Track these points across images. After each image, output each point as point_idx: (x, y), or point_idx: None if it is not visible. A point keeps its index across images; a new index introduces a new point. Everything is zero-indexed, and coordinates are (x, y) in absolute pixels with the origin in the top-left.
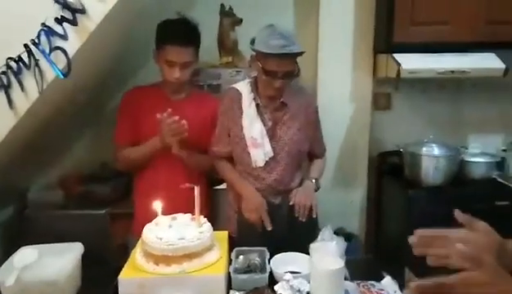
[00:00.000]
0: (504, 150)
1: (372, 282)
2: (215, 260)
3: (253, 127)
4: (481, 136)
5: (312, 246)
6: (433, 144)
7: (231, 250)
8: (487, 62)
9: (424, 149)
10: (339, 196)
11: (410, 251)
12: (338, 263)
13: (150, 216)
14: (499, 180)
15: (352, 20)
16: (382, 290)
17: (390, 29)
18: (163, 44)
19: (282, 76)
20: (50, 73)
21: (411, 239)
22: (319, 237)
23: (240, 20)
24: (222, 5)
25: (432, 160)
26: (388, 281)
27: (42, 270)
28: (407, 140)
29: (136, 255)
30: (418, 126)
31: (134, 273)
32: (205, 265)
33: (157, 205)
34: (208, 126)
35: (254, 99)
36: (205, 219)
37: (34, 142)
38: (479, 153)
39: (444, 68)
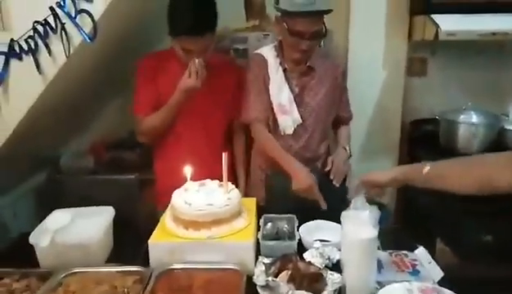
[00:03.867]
0: None
1: (405, 252)
2: (243, 227)
3: (280, 94)
4: None
5: (344, 214)
6: (471, 112)
7: (259, 217)
8: None
9: (462, 116)
10: (369, 165)
11: (441, 222)
12: (371, 232)
13: (174, 183)
14: None
15: None
16: (415, 260)
17: None
18: (176, 34)
19: (309, 37)
20: (77, 37)
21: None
22: (351, 205)
23: None
24: None
25: (470, 128)
26: (421, 251)
27: (75, 233)
28: (443, 108)
29: (166, 219)
30: (455, 93)
31: (164, 237)
32: (234, 230)
33: (187, 170)
34: (231, 93)
35: (281, 64)
36: (233, 185)
37: (64, 108)
38: None
39: (485, 29)
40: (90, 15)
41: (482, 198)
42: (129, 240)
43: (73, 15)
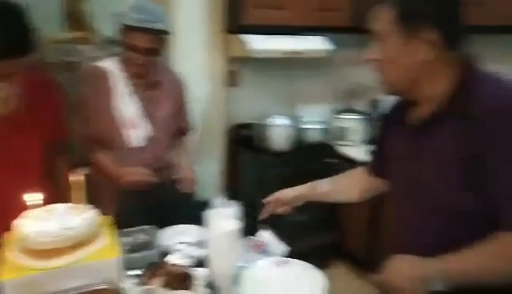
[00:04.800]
0: (329, 118)
1: (252, 236)
2: (105, 245)
3: (127, 107)
4: (312, 107)
5: (208, 213)
6: (277, 116)
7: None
8: (316, 44)
9: (271, 120)
10: (198, 168)
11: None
12: (235, 224)
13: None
14: (327, 142)
15: (202, 2)
16: (263, 241)
17: (239, 12)
18: None
19: (145, 52)
20: None
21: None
22: (213, 205)
23: None
24: None
25: (277, 129)
26: (267, 234)
27: None
28: (255, 114)
29: (11, 254)
30: (263, 100)
31: (18, 273)
32: (97, 250)
33: (29, 198)
34: (52, 114)
35: (126, 77)
36: (88, 205)
37: None
38: (312, 121)
39: (286, 49)
40: None
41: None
42: None
43: None
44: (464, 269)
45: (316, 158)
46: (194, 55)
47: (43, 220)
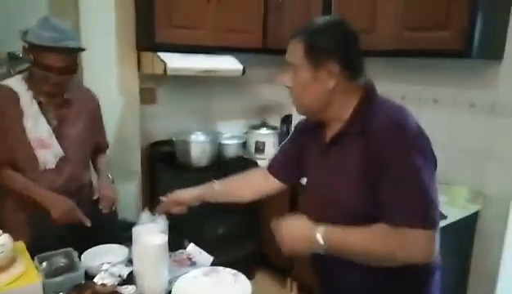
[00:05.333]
0: (245, 133)
1: (180, 250)
2: (24, 271)
3: (37, 128)
4: (228, 123)
5: (134, 229)
6: (198, 132)
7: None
8: (229, 63)
9: (192, 136)
10: (118, 186)
11: (186, 223)
12: (162, 238)
13: None
14: (244, 156)
15: (113, 18)
16: (190, 254)
17: (152, 30)
18: None
19: (59, 71)
20: None
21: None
22: (139, 221)
23: None
24: None
25: (199, 145)
26: (191, 247)
27: None
28: (173, 130)
29: None
30: (180, 117)
31: None
32: (16, 277)
33: None
34: None
35: (35, 97)
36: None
37: None
38: (230, 137)
39: (201, 67)
40: None
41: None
42: None
43: None
44: (344, 242)
45: (235, 171)
46: (107, 72)
47: None
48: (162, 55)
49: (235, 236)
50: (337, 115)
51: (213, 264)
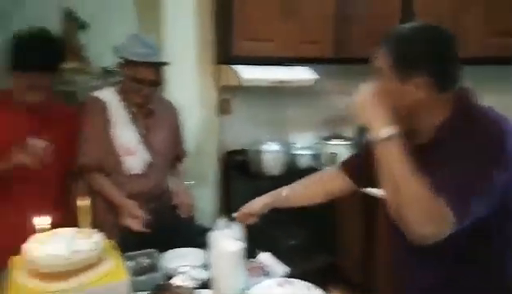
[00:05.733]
0: (317, 144)
1: (252, 259)
2: (114, 268)
3: (126, 136)
4: (300, 134)
5: (211, 234)
6: (270, 142)
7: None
8: (302, 73)
9: (264, 146)
10: (195, 193)
11: (259, 233)
12: (237, 245)
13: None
14: (317, 167)
15: (194, 34)
16: (263, 263)
17: (229, 44)
18: (20, 69)
19: (149, 83)
20: None
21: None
22: (215, 227)
23: (86, 25)
24: (67, 8)
25: (271, 155)
26: (265, 256)
27: None
28: (247, 140)
29: (19, 278)
30: (253, 127)
31: None
32: (105, 273)
33: (38, 222)
34: (70, 142)
35: (125, 107)
36: (93, 230)
37: None
38: (302, 147)
39: (275, 78)
40: None
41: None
42: None
43: None
44: (397, 158)
45: None
46: (187, 85)
47: (52, 243)
48: (237, 67)
49: (307, 248)
50: (424, 126)
51: (286, 275)
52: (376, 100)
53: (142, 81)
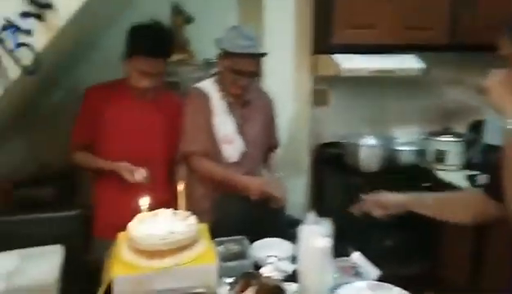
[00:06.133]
0: (423, 139)
1: (344, 258)
2: (204, 251)
3: (224, 125)
4: (403, 128)
5: (300, 228)
6: (369, 136)
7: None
8: (408, 62)
9: (362, 139)
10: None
11: (352, 231)
12: (325, 242)
13: (117, 216)
14: (421, 165)
15: (292, 24)
16: (355, 263)
17: (329, 32)
18: (136, 54)
19: (248, 75)
20: (13, 71)
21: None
22: (305, 221)
23: (192, 19)
24: (175, 3)
25: (370, 149)
26: (357, 255)
27: (28, 274)
28: (342, 132)
29: (122, 252)
30: (351, 119)
31: (128, 270)
32: (196, 255)
33: (142, 201)
34: (174, 126)
35: (223, 97)
36: (189, 212)
37: None
38: (405, 143)
39: (376, 67)
40: (31, 48)
41: None
42: (78, 276)
43: (12, 48)
44: None
45: (409, 181)
46: (282, 75)
47: (152, 223)
48: (336, 56)
49: (404, 251)
50: None
51: (379, 280)
52: (505, 89)
53: (241, 72)
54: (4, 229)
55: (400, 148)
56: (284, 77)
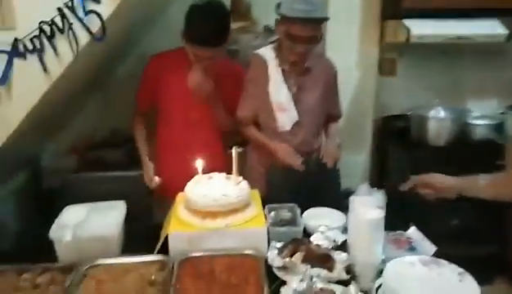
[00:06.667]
0: (502, 113)
1: (399, 231)
2: (255, 215)
3: (279, 93)
4: (479, 100)
5: (352, 198)
6: (439, 108)
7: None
8: (491, 28)
9: (431, 112)
10: (344, 158)
11: (415, 209)
12: (378, 213)
13: (176, 176)
14: (498, 141)
15: None
16: (410, 238)
17: None
18: (188, 41)
19: (306, 41)
20: (84, 37)
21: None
22: (357, 192)
23: None
24: None
25: (439, 122)
26: (413, 230)
27: (94, 226)
28: (410, 105)
29: (179, 211)
30: (421, 90)
31: (182, 228)
32: (247, 219)
33: (198, 163)
34: (232, 91)
35: (280, 64)
36: (241, 177)
37: (58, 108)
38: (480, 116)
39: (452, 34)
40: (98, 15)
41: None
42: (138, 232)
43: (81, 15)
44: None
45: (484, 158)
46: (346, 41)
47: (206, 185)
48: (407, 21)
49: (470, 231)
50: None
51: (436, 256)
52: None
53: (298, 38)
54: (77, 185)
55: (474, 122)
56: (348, 43)
